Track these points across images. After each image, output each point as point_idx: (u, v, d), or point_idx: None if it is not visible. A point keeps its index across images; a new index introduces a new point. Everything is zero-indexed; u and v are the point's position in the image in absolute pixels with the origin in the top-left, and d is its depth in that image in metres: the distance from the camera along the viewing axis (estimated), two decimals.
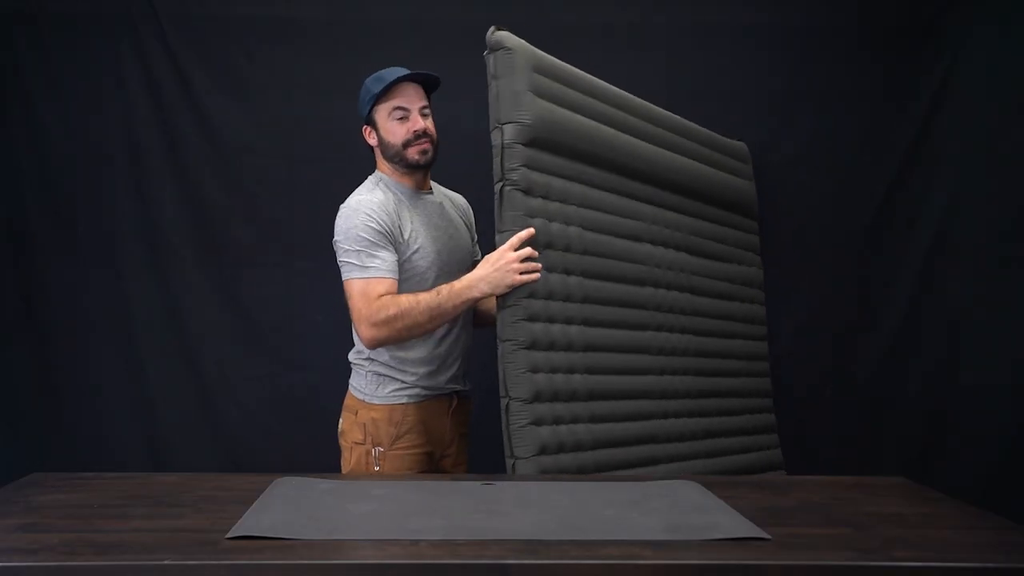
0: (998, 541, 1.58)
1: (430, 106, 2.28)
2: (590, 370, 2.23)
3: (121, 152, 2.99)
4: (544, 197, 2.16)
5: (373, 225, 2.13)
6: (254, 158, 3.00)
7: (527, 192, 2.11)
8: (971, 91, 2.99)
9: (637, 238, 2.44)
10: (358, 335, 2.16)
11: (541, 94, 2.15)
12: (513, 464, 2.06)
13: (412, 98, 2.22)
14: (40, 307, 3.00)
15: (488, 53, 2.13)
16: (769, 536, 1.55)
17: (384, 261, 2.13)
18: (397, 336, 2.12)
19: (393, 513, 1.67)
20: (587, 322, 2.24)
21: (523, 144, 2.10)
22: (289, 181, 3.01)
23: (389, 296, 2.11)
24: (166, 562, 1.37)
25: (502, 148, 2.09)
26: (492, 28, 2.14)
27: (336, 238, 2.18)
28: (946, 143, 2.99)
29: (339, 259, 2.17)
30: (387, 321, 2.09)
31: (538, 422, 2.07)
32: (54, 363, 3.00)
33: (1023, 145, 2.90)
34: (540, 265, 2.10)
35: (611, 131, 2.38)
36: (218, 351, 3.02)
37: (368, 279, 2.11)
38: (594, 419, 2.22)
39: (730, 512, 1.70)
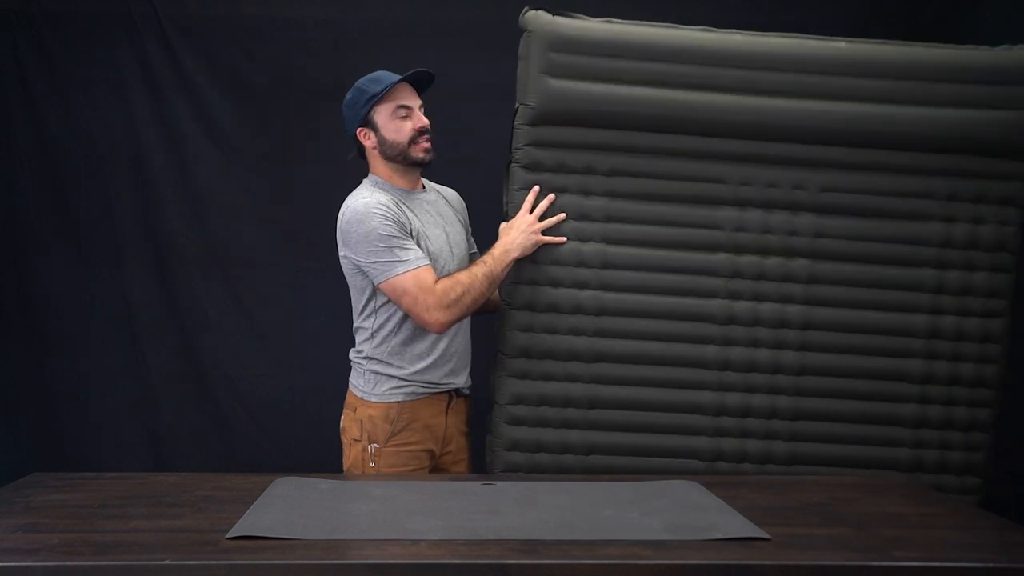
0: (998, 541, 1.58)
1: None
2: (600, 334, 2.27)
3: (121, 152, 2.98)
4: (555, 171, 2.25)
5: (389, 223, 2.16)
6: (255, 158, 3.00)
7: (531, 169, 2.24)
8: None
9: (712, 201, 2.27)
10: (425, 322, 2.17)
11: (557, 72, 2.19)
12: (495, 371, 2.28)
13: (410, 97, 2.25)
14: (41, 307, 2.99)
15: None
16: (769, 536, 1.55)
17: (417, 251, 2.18)
18: (465, 312, 2.20)
19: (392, 513, 1.68)
20: (604, 287, 2.27)
21: (529, 124, 2.21)
22: (289, 181, 3.01)
23: (447, 278, 2.19)
24: (166, 562, 1.38)
25: (512, 129, 2.23)
26: (525, 9, 2.23)
27: (355, 246, 2.17)
28: None
29: (368, 261, 2.16)
30: (457, 300, 2.16)
31: (522, 375, 2.26)
32: (55, 363, 3.00)
33: None
34: (563, 216, 2.25)
35: (659, 92, 2.22)
36: (219, 351, 3.01)
37: (416, 270, 2.15)
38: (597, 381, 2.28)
39: (730, 512, 1.70)
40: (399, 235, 2.16)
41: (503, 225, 2.27)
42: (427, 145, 2.25)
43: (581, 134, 2.23)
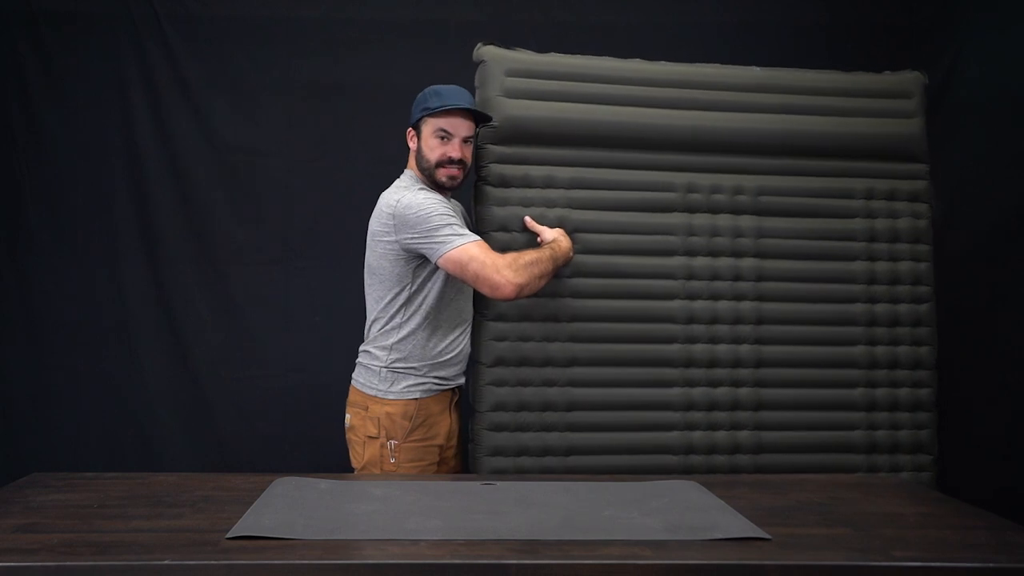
0: (998, 541, 1.58)
1: (474, 136, 2.33)
2: (572, 339, 2.37)
3: (120, 152, 2.98)
4: (521, 186, 2.38)
5: (447, 208, 2.22)
6: (253, 158, 3.00)
7: (499, 185, 2.37)
8: (971, 91, 2.98)
9: (664, 208, 2.45)
10: (496, 284, 2.14)
11: (515, 95, 2.38)
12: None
13: (459, 125, 2.27)
14: (39, 307, 2.99)
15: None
16: (769, 536, 1.55)
17: (472, 233, 2.22)
18: (535, 283, 2.18)
19: (393, 513, 1.68)
20: (574, 295, 2.38)
21: (493, 144, 2.37)
22: (288, 181, 3.01)
23: (513, 251, 2.23)
24: (166, 562, 1.38)
25: (476, 149, 2.36)
26: (479, 45, 2.42)
27: (414, 225, 2.18)
28: (946, 143, 2.98)
29: (430, 240, 2.17)
30: (527, 266, 2.17)
31: (498, 383, 2.34)
32: (53, 363, 2.99)
33: (1023, 145, 2.89)
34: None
35: (606, 109, 2.42)
36: (217, 351, 3.01)
37: (478, 241, 2.19)
38: (572, 384, 2.37)
39: (730, 512, 1.70)
40: (456, 220, 2.21)
41: (548, 231, 2.33)
42: (453, 173, 2.28)
43: (541, 150, 2.39)
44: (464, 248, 2.15)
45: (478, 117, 2.31)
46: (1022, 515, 1.85)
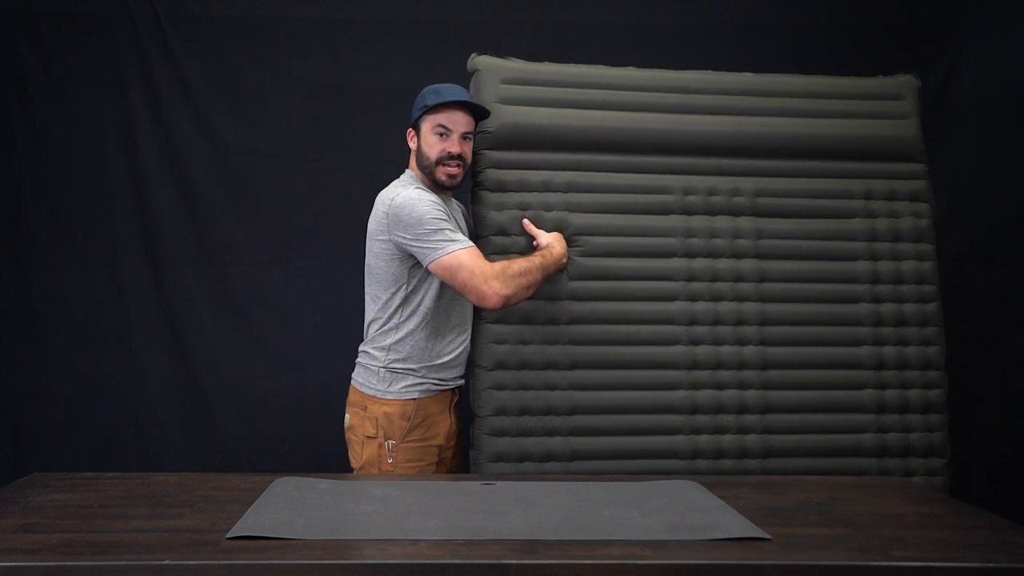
0: (998, 541, 1.58)
1: (474, 133, 2.33)
2: (573, 342, 2.35)
3: (120, 152, 2.98)
4: (517, 190, 2.38)
5: (441, 211, 2.22)
6: (253, 158, 3.00)
7: (496, 190, 2.37)
8: (971, 91, 2.99)
9: (662, 211, 2.43)
10: (483, 295, 2.16)
11: (510, 101, 2.39)
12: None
13: (458, 121, 2.28)
14: (39, 307, 2.99)
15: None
16: (769, 536, 1.55)
17: (466, 238, 2.23)
18: (522, 294, 2.20)
19: (393, 513, 1.68)
20: (573, 297, 2.36)
21: (489, 149, 2.37)
22: (287, 181, 3.01)
23: (502, 259, 2.24)
24: (166, 562, 1.38)
25: (473, 155, 2.36)
26: (473, 55, 2.44)
27: (407, 227, 2.19)
28: (946, 143, 2.99)
29: (421, 241, 2.18)
30: (515, 276, 2.18)
31: (499, 387, 2.32)
32: (54, 363, 2.99)
33: (1023, 145, 2.89)
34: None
35: (602, 114, 2.43)
36: (217, 351, 3.01)
37: (469, 248, 2.19)
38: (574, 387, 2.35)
39: (730, 512, 1.70)
40: (449, 224, 2.21)
41: (558, 236, 2.33)
42: (453, 171, 2.28)
43: (537, 155, 2.39)
44: (455, 255, 2.16)
45: (477, 113, 2.31)
46: (1022, 515, 1.85)
